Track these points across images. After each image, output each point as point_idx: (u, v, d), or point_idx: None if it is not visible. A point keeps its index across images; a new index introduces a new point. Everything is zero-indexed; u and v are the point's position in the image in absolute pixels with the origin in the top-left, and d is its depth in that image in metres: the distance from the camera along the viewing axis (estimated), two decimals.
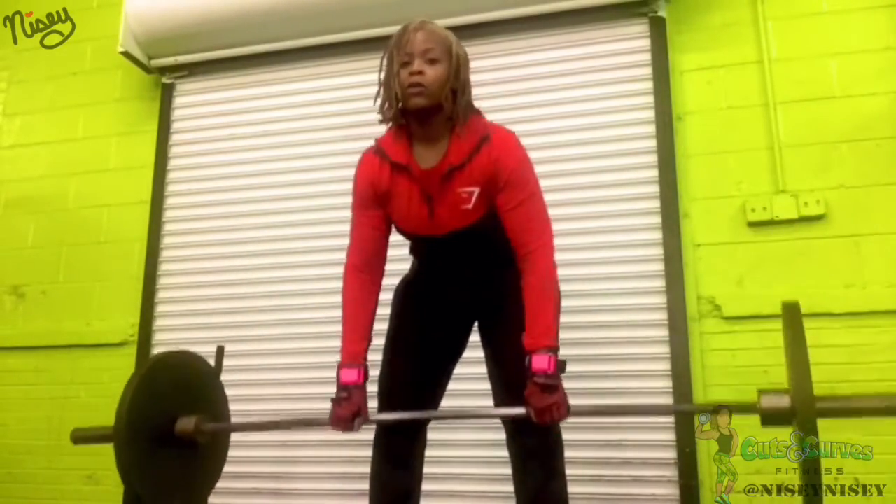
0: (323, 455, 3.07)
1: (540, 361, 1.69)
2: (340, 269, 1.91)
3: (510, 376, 1.84)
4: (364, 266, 1.87)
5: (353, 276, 1.87)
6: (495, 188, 1.77)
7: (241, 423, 2.59)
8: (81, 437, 2.12)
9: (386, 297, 2.00)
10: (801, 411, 1.51)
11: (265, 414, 3.16)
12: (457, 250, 1.88)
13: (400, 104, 1.77)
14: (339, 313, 1.87)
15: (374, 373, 1.97)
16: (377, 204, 1.85)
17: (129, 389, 1.89)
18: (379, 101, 1.82)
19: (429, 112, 1.75)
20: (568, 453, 1.96)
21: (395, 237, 2.03)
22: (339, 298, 1.89)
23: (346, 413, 1.78)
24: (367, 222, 1.87)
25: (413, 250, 2.02)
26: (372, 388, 1.93)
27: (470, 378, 2.11)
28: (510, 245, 1.80)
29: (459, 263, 1.92)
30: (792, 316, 1.63)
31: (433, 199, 1.80)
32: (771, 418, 1.68)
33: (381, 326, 1.99)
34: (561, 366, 1.72)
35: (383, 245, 1.90)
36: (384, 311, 2.00)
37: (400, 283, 2.05)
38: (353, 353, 1.82)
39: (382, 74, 1.81)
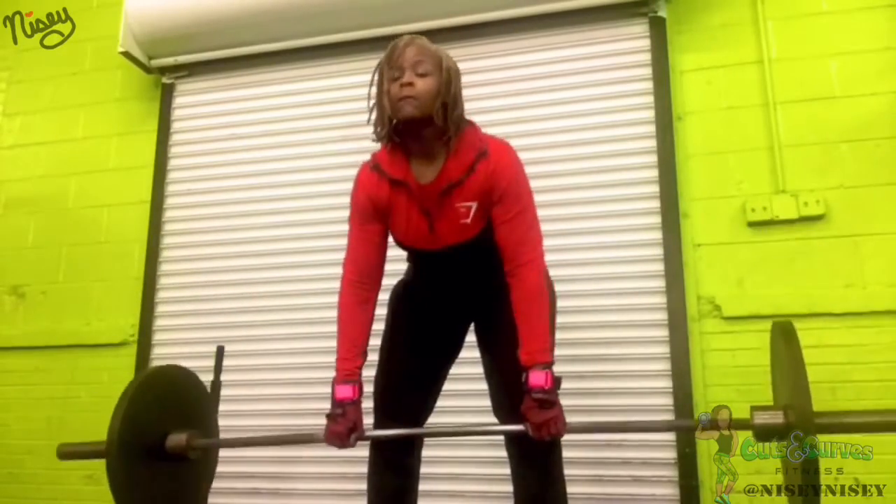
0: (321, 455, 3.06)
1: (537, 378, 1.69)
2: (340, 270, 1.91)
3: (507, 383, 1.84)
4: (361, 280, 1.86)
5: (349, 291, 1.86)
6: (490, 202, 1.78)
7: (232, 438, 2.60)
8: (70, 452, 2.11)
9: (383, 296, 2.00)
10: (800, 428, 1.53)
11: (265, 414, 3.16)
12: (455, 263, 1.88)
13: (392, 121, 1.77)
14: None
15: (371, 372, 1.97)
16: (376, 219, 1.86)
17: (122, 405, 1.89)
18: (372, 120, 1.82)
19: (420, 124, 1.74)
20: (568, 453, 1.96)
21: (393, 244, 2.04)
22: (337, 299, 1.89)
23: (342, 429, 1.79)
24: (366, 237, 1.87)
25: (411, 260, 2.03)
26: (368, 386, 1.93)
27: (468, 378, 2.11)
28: (498, 257, 1.82)
29: (457, 273, 1.92)
30: (787, 335, 1.63)
31: (432, 215, 1.80)
32: (764, 434, 1.71)
33: (378, 326, 1.99)
34: (557, 381, 1.73)
35: (381, 259, 1.90)
36: (381, 310, 2.00)
37: (397, 285, 2.05)
38: (348, 371, 1.81)
39: (373, 90, 1.81)
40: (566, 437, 1.84)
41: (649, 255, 2.93)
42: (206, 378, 2.61)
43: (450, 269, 1.92)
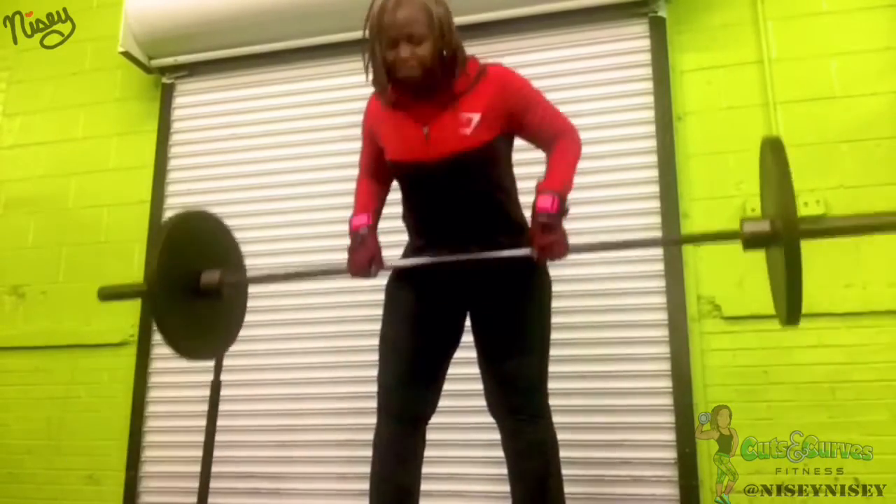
0: (321, 455, 3.07)
1: (544, 200, 1.76)
2: (341, 270, 1.92)
3: (500, 376, 1.85)
4: (373, 174, 2.00)
5: (363, 177, 2.02)
6: (506, 116, 1.83)
7: (261, 275, 2.77)
8: (111, 293, 2.19)
9: (380, 295, 2.01)
10: (784, 234, 1.54)
11: (265, 414, 3.17)
12: (450, 186, 1.84)
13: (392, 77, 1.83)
14: (340, 313, 1.88)
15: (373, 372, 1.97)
16: (377, 144, 1.94)
17: (156, 247, 1.96)
18: (370, 77, 1.87)
19: (423, 81, 1.78)
20: (568, 453, 1.96)
21: (392, 235, 2.03)
22: (339, 299, 1.89)
23: (363, 259, 1.87)
24: (372, 153, 1.99)
25: (406, 206, 1.98)
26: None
27: (467, 378, 2.11)
28: (507, 201, 1.89)
29: (453, 204, 1.87)
30: (775, 148, 1.66)
31: (430, 124, 1.82)
32: (753, 242, 1.75)
33: (375, 326, 2.00)
34: (564, 209, 1.79)
35: (388, 168, 1.97)
36: (378, 299, 2.01)
37: (391, 275, 2.03)
38: (363, 203, 1.96)
39: (366, 55, 1.86)
40: (566, 437, 1.84)
41: (649, 255, 2.92)
42: (206, 379, 2.62)
43: (445, 198, 1.87)
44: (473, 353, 1.98)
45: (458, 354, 2.01)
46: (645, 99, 3.06)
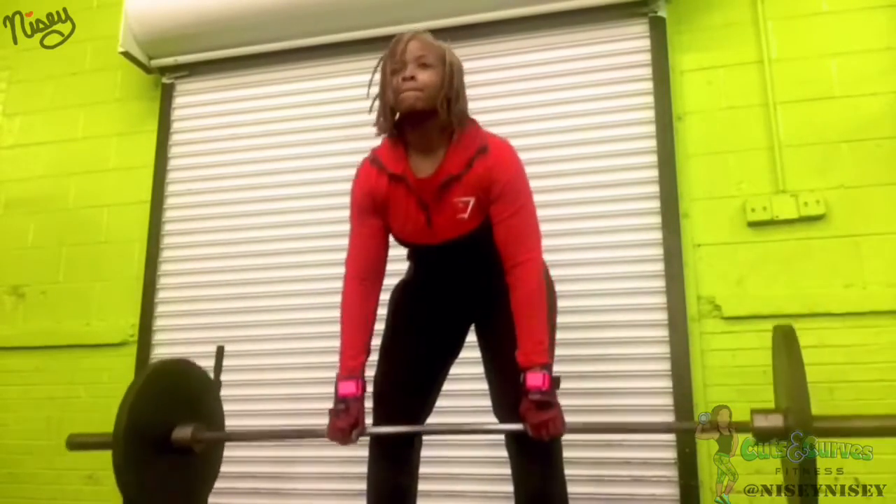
0: (321, 455, 3.07)
1: (534, 379, 1.70)
2: (340, 269, 1.91)
3: (506, 382, 1.84)
4: (364, 275, 1.88)
5: (352, 287, 1.88)
6: (488, 199, 1.78)
7: (237, 431, 2.62)
8: (78, 443, 2.15)
9: (384, 297, 2.00)
10: (799, 432, 1.54)
11: (265, 414, 3.16)
12: (453, 258, 1.89)
13: (395, 114, 1.80)
14: (338, 314, 1.88)
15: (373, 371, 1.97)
16: (375, 214, 1.86)
17: (129, 397, 1.90)
18: (375, 113, 1.84)
19: (423, 117, 1.75)
20: (568, 453, 1.96)
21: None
22: (338, 299, 1.89)
23: (344, 425, 1.79)
24: (366, 232, 1.88)
25: (410, 257, 2.03)
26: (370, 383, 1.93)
27: (468, 378, 2.11)
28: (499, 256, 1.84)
29: (456, 270, 1.93)
30: (787, 339, 1.64)
31: (430, 209, 1.81)
32: (764, 437, 1.73)
33: (378, 326, 1.99)
34: (555, 382, 1.73)
35: (383, 254, 1.91)
36: (382, 311, 2.00)
37: (398, 284, 2.05)
38: (352, 367, 1.83)
39: (376, 88, 1.83)
40: (566, 437, 1.84)
41: (649, 255, 2.93)
42: None
43: (448, 266, 1.92)
44: (471, 354, 1.99)
45: (458, 355, 2.01)
46: (645, 99, 3.06)
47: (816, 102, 2.90)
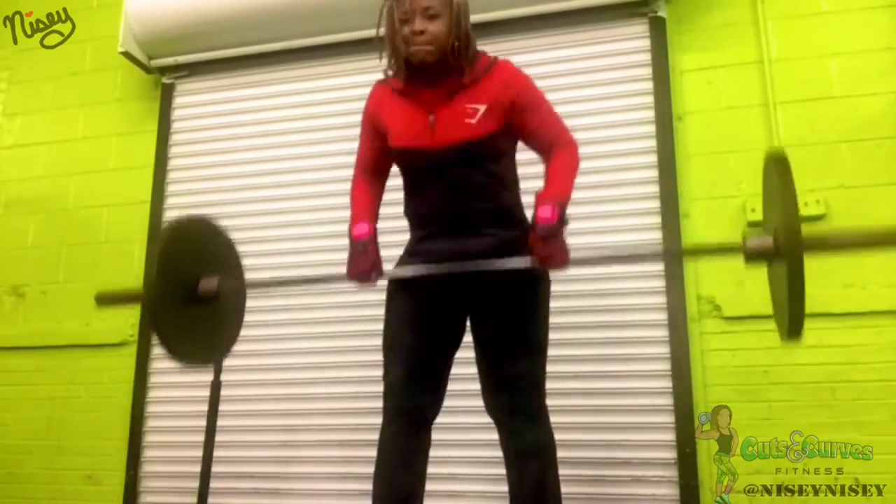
0: (321, 455, 3.07)
1: (544, 211, 1.76)
2: (340, 268, 1.92)
3: (501, 372, 1.86)
4: (371, 172, 2.01)
5: (360, 176, 2.02)
6: (509, 110, 1.84)
7: (260, 280, 2.72)
8: (108, 298, 2.22)
9: (380, 296, 2.00)
10: (787, 249, 1.54)
11: (266, 414, 3.17)
12: (454, 176, 1.86)
13: (406, 59, 1.85)
14: (341, 313, 1.88)
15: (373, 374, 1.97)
16: (379, 136, 1.95)
17: (155, 253, 1.96)
18: (384, 58, 1.89)
19: (435, 65, 1.81)
20: (568, 453, 1.96)
21: (392, 235, 2.03)
22: (340, 299, 1.89)
23: (365, 266, 1.87)
24: (372, 144, 1.99)
25: (407, 195, 1.99)
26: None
27: (465, 378, 2.10)
28: (508, 195, 1.91)
29: (456, 201, 1.89)
30: (779, 165, 1.64)
31: (436, 112, 1.85)
32: (755, 256, 1.72)
33: (378, 327, 2.00)
34: (564, 219, 1.80)
35: (387, 161, 2.01)
36: (379, 311, 2.00)
37: (391, 281, 2.02)
38: (362, 212, 1.94)
39: (382, 30, 1.88)
40: (566, 437, 1.85)
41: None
42: (206, 379, 2.62)
43: (447, 187, 1.88)
44: (472, 353, 1.99)
45: (458, 354, 2.01)
46: (645, 99, 3.06)
47: (816, 102, 2.90)
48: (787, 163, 1.63)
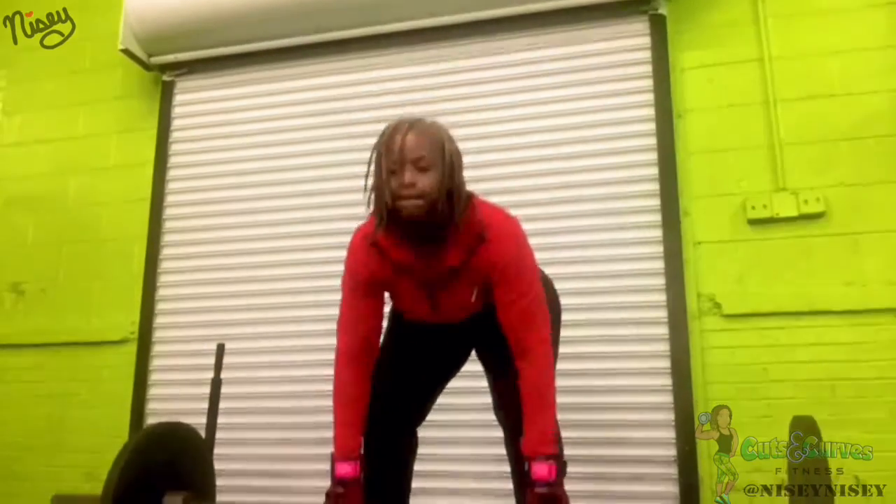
0: (321, 454, 3.06)
1: (540, 470, 1.63)
2: (340, 268, 1.89)
3: (508, 383, 1.81)
4: (356, 352, 1.81)
5: (344, 365, 1.80)
6: (490, 284, 1.75)
7: (229, 502, 2.61)
8: (67, 500, 2.20)
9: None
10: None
11: (265, 412, 3.17)
12: (457, 328, 1.91)
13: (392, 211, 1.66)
14: (338, 312, 1.87)
15: None
16: (377, 294, 1.82)
17: (118, 464, 1.89)
18: (371, 207, 1.69)
19: (425, 220, 1.64)
20: (568, 451, 1.96)
21: None
22: (338, 297, 1.88)
23: None
24: (363, 308, 1.81)
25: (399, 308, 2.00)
26: None
27: (464, 378, 2.10)
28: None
29: (458, 334, 1.95)
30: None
31: (436, 295, 1.79)
32: None
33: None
34: (562, 469, 1.69)
35: (378, 325, 1.85)
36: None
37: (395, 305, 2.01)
38: (348, 448, 1.76)
39: (370, 179, 1.68)
40: (566, 435, 1.84)
41: (649, 252, 2.92)
42: (206, 376, 2.62)
43: (451, 332, 1.93)
44: (473, 366, 2.00)
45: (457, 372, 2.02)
46: (645, 96, 3.06)
47: (817, 100, 2.89)
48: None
